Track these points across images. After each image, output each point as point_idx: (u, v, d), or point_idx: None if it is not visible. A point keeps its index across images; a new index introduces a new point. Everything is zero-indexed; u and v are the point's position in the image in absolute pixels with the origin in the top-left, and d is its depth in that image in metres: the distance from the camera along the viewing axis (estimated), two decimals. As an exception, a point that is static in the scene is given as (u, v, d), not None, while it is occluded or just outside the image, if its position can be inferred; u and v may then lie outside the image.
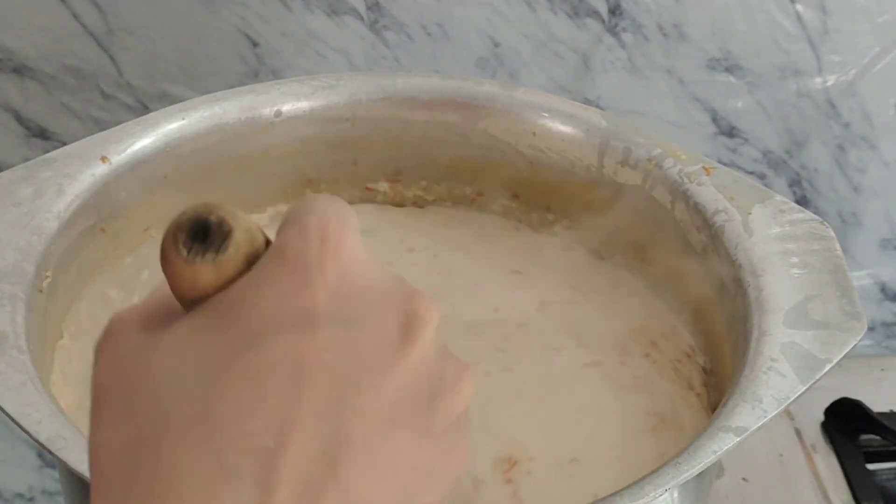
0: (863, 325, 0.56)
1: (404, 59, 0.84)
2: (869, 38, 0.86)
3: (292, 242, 0.30)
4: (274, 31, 0.82)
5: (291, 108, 0.69)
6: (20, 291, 0.56)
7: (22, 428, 0.49)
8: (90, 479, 0.29)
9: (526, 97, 0.71)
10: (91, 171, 0.63)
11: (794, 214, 0.62)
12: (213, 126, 0.67)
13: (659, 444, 0.59)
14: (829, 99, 0.88)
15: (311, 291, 0.29)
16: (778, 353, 0.54)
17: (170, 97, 0.83)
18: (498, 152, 0.71)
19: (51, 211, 0.60)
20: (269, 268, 0.29)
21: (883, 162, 0.92)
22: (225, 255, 0.29)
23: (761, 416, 0.51)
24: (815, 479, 0.80)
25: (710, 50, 0.85)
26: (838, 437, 0.84)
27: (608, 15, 0.83)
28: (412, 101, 0.71)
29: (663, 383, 0.63)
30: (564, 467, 0.58)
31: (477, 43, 0.84)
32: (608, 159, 0.68)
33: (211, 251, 0.29)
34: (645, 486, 0.47)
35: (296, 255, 0.29)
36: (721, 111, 0.88)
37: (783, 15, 0.84)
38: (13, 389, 0.50)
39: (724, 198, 0.63)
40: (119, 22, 0.80)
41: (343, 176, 0.73)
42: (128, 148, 0.64)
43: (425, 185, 0.74)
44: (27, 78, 0.81)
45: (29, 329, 0.54)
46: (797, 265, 0.59)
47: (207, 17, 0.81)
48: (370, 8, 0.82)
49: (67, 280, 0.61)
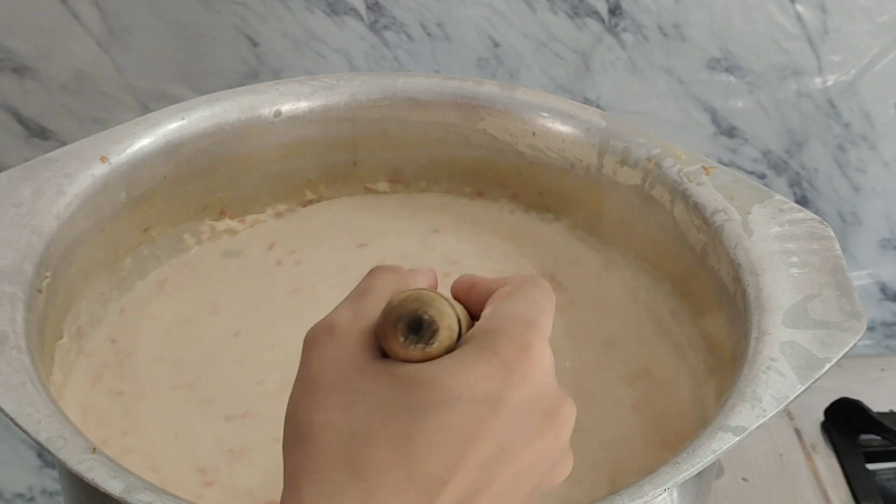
0: (862, 324, 0.56)
1: (404, 59, 0.84)
2: (869, 38, 0.86)
3: (505, 345, 0.39)
4: (274, 31, 0.82)
5: (291, 108, 0.69)
6: (20, 291, 0.56)
7: (22, 428, 0.49)
8: (292, 442, 0.39)
9: (526, 97, 0.71)
10: (91, 171, 0.63)
11: (794, 214, 0.62)
12: (213, 126, 0.67)
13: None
14: (829, 99, 0.88)
15: (503, 383, 0.38)
16: (777, 352, 0.54)
17: (170, 97, 0.83)
18: (498, 152, 0.71)
19: (51, 211, 0.60)
20: (477, 355, 0.39)
21: (883, 162, 0.92)
22: (432, 347, 0.39)
23: (761, 415, 0.51)
24: (814, 479, 0.80)
25: (710, 50, 0.85)
26: (838, 437, 0.84)
27: (608, 15, 0.83)
28: (412, 101, 0.71)
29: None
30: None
31: (477, 43, 0.84)
32: (608, 159, 0.68)
33: (422, 343, 0.39)
34: (644, 486, 0.47)
35: (503, 356, 0.39)
36: (721, 111, 0.88)
37: (783, 15, 0.84)
38: (13, 389, 0.50)
39: (724, 197, 0.63)
40: (119, 22, 0.80)
41: (343, 176, 0.73)
42: (128, 148, 0.64)
43: (425, 185, 0.74)
44: (27, 78, 0.81)
45: (29, 329, 0.54)
46: (797, 265, 0.59)
47: (207, 17, 0.81)
48: (370, 8, 0.82)
49: (67, 280, 0.61)
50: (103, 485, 0.46)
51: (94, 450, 0.48)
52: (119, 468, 0.47)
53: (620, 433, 0.61)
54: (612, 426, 0.61)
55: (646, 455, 0.60)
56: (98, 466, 0.47)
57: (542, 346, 0.40)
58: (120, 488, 0.46)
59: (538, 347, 0.40)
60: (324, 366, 0.40)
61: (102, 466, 0.47)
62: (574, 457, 0.42)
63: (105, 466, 0.47)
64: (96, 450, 0.48)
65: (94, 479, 0.47)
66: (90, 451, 0.48)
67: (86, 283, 0.64)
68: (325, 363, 0.40)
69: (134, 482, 0.46)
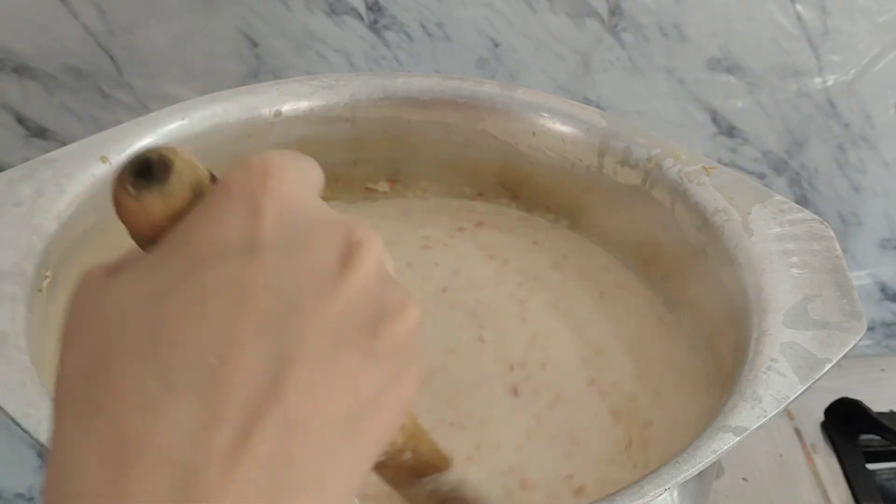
0: (863, 324, 0.56)
1: (404, 59, 0.84)
2: (869, 38, 0.86)
3: (237, 177, 0.32)
4: (274, 31, 0.82)
5: (291, 108, 0.69)
6: (20, 291, 0.56)
7: (22, 428, 0.49)
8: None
9: (526, 97, 0.71)
10: (91, 171, 0.63)
11: (794, 214, 0.62)
12: (213, 126, 0.67)
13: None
14: (829, 99, 0.88)
15: (253, 221, 0.30)
16: (777, 352, 0.54)
17: (170, 97, 0.83)
18: (498, 152, 0.71)
19: (51, 211, 0.60)
20: (214, 200, 0.31)
21: (883, 162, 0.92)
22: (169, 185, 0.31)
23: (761, 415, 0.51)
24: (814, 479, 0.80)
25: (710, 50, 0.85)
26: (838, 437, 0.84)
27: (608, 15, 0.83)
28: (412, 101, 0.71)
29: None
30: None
31: (477, 43, 0.84)
32: (608, 159, 0.68)
33: (155, 183, 0.31)
34: (644, 486, 0.47)
35: (240, 188, 0.31)
36: (721, 111, 0.88)
37: (783, 15, 0.84)
38: (13, 389, 0.50)
39: (724, 197, 0.63)
40: (119, 22, 0.80)
41: (343, 176, 0.73)
42: (128, 148, 0.64)
43: (425, 185, 0.74)
44: (27, 78, 0.81)
45: (29, 329, 0.54)
46: (797, 265, 0.59)
47: (207, 17, 0.81)
48: (370, 8, 0.82)
49: (67, 280, 0.61)
50: (103, 485, 0.46)
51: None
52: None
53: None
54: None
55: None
56: (98, 466, 0.47)
57: (283, 163, 0.32)
58: (120, 488, 0.46)
59: (278, 165, 0.32)
60: (71, 315, 0.32)
61: (102, 466, 0.47)
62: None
63: (105, 466, 0.47)
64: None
65: (95, 479, 0.46)
66: (90, 452, 0.48)
67: (86, 283, 0.63)
68: (72, 313, 0.32)
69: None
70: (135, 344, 0.29)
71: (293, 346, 0.29)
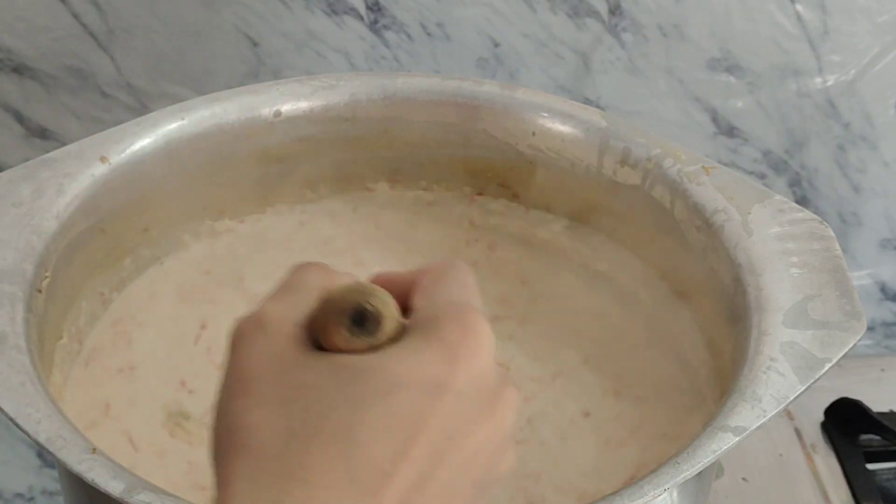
0: (862, 324, 0.56)
1: (404, 59, 0.84)
2: (869, 38, 0.86)
3: (449, 330, 0.38)
4: (274, 31, 0.82)
5: (291, 108, 0.69)
6: (20, 291, 0.56)
7: (21, 428, 0.49)
8: (223, 446, 0.36)
9: (526, 97, 0.71)
10: (91, 171, 0.63)
11: (794, 214, 0.62)
12: (213, 126, 0.67)
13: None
14: (829, 99, 0.88)
15: (447, 367, 0.37)
16: (777, 352, 0.54)
17: (170, 97, 0.83)
18: (498, 152, 0.71)
19: (50, 211, 0.60)
20: (422, 341, 0.38)
21: (883, 162, 0.92)
22: (377, 338, 0.37)
23: (760, 415, 0.51)
24: (814, 479, 0.80)
25: (710, 50, 0.85)
26: (838, 437, 0.84)
27: (608, 15, 0.83)
28: (412, 101, 0.71)
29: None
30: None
31: (477, 43, 0.84)
32: (608, 159, 0.68)
33: (366, 335, 0.37)
34: (644, 486, 0.47)
35: (447, 342, 0.38)
36: (721, 111, 0.88)
37: (783, 15, 0.84)
38: (13, 389, 0.50)
39: (724, 197, 0.63)
40: (119, 22, 0.80)
41: (343, 176, 0.73)
42: (128, 148, 0.64)
43: (425, 185, 0.74)
44: (27, 78, 0.81)
45: (28, 329, 0.54)
46: (797, 265, 0.59)
47: (207, 17, 0.81)
48: (370, 8, 0.82)
49: (67, 280, 0.61)
50: (103, 485, 0.46)
51: (94, 450, 0.48)
52: (119, 468, 0.47)
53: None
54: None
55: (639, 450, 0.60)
56: (98, 466, 0.47)
57: (484, 326, 0.39)
58: (120, 488, 0.46)
59: (481, 328, 0.39)
60: (256, 361, 0.37)
61: (102, 466, 0.47)
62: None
63: (105, 466, 0.47)
64: (96, 450, 0.48)
65: (94, 479, 0.46)
66: (90, 452, 0.48)
67: (86, 283, 0.63)
68: (257, 358, 0.37)
69: (134, 482, 0.46)
70: (332, 434, 0.35)
71: (437, 468, 0.36)
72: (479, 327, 0.38)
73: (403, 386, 0.36)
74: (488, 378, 0.38)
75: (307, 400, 0.36)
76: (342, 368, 0.36)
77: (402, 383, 0.36)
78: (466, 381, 0.37)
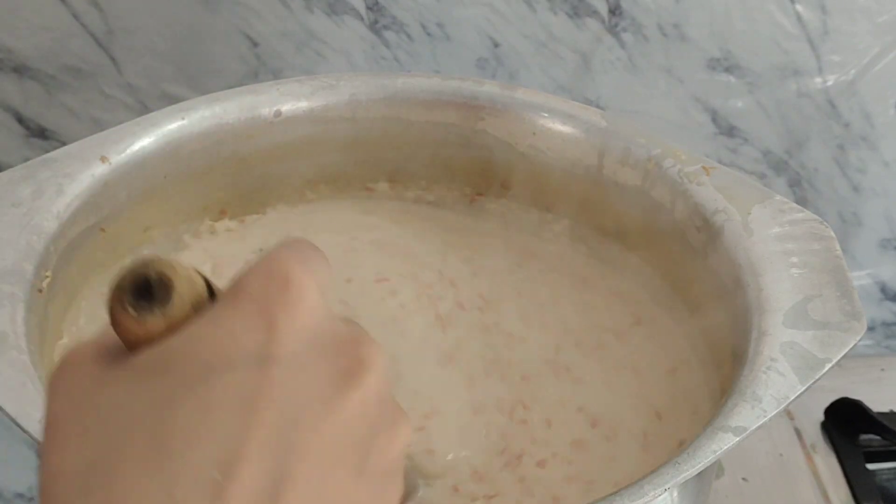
0: (863, 324, 0.56)
1: (404, 59, 0.84)
2: (869, 38, 0.86)
3: (256, 284, 0.31)
4: (274, 31, 0.82)
5: (291, 108, 0.69)
6: (20, 291, 0.56)
7: (22, 428, 0.49)
8: (41, 498, 0.30)
9: (526, 97, 0.71)
10: (91, 171, 0.63)
11: (794, 214, 0.62)
12: (213, 126, 0.67)
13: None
14: (829, 99, 0.88)
15: (268, 335, 0.30)
16: (777, 352, 0.54)
17: (170, 97, 0.83)
18: (498, 152, 0.71)
19: (50, 211, 0.60)
20: (228, 308, 0.31)
21: (883, 162, 0.92)
22: (171, 307, 0.30)
23: (761, 415, 0.51)
24: (814, 479, 0.80)
25: (710, 50, 0.85)
26: (838, 437, 0.83)
27: (608, 15, 0.83)
28: (412, 101, 0.71)
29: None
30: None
31: (477, 43, 0.84)
32: (608, 159, 0.68)
33: (157, 305, 0.30)
34: (644, 486, 0.47)
35: (256, 299, 0.31)
36: (721, 111, 0.88)
37: (783, 15, 0.84)
38: (13, 389, 0.50)
39: (724, 198, 0.63)
40: (119, 22, 0.80)
41: (343, 176, 0.73)
42: (128, 148, 0.64)
43: (425, 185, 0.74)
44: (27, 78, 0.81)
45: (29, 329, 0.54)
46: (797, 265, 0.59)
47: (207, 17, 0.81)
48: (370, 8, 0.82)
49: (67, 280, 0.61)
50: (103, 485, 0.46)
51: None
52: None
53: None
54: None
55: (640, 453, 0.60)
56: (98, 466, 0.47)
57: (301, 273, 0.31)
58: (120, 488, 0.46)
59: (296, 275, 0.31)
60: (59, 401, 0.31)
61: (102, 466, 0.47)
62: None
63: (105, 466, 0.47)
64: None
65: (94, 479, 0.46)
66: (90, 452, 0.48)
67: (86, 283, 0.63)
68: (60, 399, 0.31)
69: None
70: (141, 451, 0.28)
71: (292, 463, 0.29)
72: (292, 274, 0.31)
73: (216, 368, 0.29)
74: (328, 336, 0.32)
75: (108, 421, 0.29)
76: (142, 367, 0.30)
77: (214, 365, 0.29)
78: (295, 344, 0.30)
